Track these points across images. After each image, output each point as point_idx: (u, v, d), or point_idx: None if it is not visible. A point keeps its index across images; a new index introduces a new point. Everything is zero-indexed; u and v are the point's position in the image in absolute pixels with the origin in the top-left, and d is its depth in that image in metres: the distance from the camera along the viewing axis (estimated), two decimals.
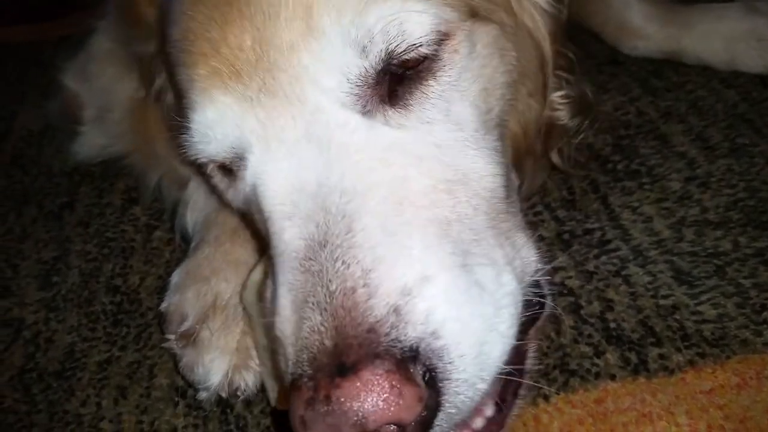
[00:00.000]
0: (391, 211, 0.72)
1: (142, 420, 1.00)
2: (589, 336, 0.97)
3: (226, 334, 0.97)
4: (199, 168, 0.91)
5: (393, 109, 0.76)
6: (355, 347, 0.65)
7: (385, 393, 0.63)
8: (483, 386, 0.69)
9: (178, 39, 0.83)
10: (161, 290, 1.17)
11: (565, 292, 1.04)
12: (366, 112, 0.75)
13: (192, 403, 1.01)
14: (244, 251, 1.05)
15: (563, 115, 1.07)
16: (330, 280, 0.69)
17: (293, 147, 0.75)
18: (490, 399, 0.75)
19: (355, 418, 0.63)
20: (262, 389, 0.98)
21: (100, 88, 1.38)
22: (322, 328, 0.67)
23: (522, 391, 0.82)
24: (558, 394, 0.91)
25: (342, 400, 0.63)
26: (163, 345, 1.07)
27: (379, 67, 0.74)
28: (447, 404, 0.67)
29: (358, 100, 0.75)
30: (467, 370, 0.67)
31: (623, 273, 1.05)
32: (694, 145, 1.26)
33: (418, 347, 0.66)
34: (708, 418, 0.85)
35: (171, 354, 1.04)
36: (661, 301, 1.00)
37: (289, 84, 0.74)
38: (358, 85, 0.74)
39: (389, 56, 0.74)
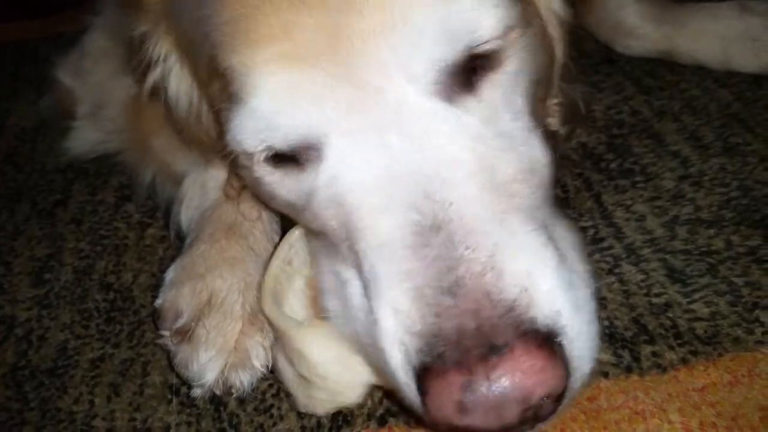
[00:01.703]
0: (489, 198, 0.73)
1: (135, 417, 1.00)
2: None
3: (223, 333, 0.97)
4: (232, 157, 0.88)
5: (470, 98, 0.78)
6: (501, 327, 0.66)
7: (541, 367, 0.65)
8: (589, 367, 0.73)
9: (227, 21, 0.78)
10: (154, 288, 1.17)
11: None
12: (450, 102, 0.76)
13: (185, 401, 1.00)
14: (239, 249, 1.05)
15: (554, 122, 1.08)
16: (455, 266, 0.69)
17: (378, 137, 0.75)
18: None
19: (519, 394, 0.65)
20: (257, 388, 0.99)
21: (95, 84, 1.37)
22: (457, 311, 0.68)
23: None
24: None
25: (503, 378, 0.65)
26: (157, 341, 1.06)
27: (464, 57, 0.75)
28: (572, 378, 0.70)
29: (443, 90, 0.76)
30: (584, 346, 0.71)
31: (616, 271, 1.05)
32: (687, 144, 1.26)
33: (550, 325, 0.69)
34: (700, 415, 0.85)
35: (165, 350, 1.04)
36: (654, 299, 1.00)
37: (371, 71, 0.73)
38: (444, 75, 0.75)
39: (471, 46, 0.75)
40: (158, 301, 1.03)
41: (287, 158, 0.82)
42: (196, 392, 0.97)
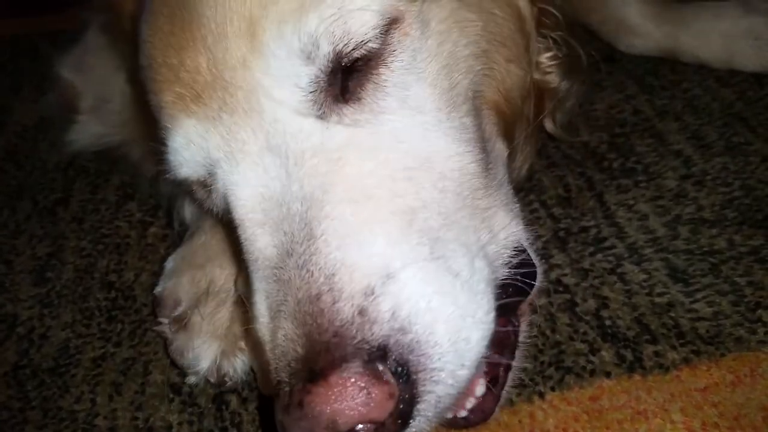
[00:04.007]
0: (349, 211, 0.72)
1: (137, 416, 1.00)
2: (585, 333, 0.97)
3: (215, 319, 0.98)
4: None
5: (347, 106, 0.76)
6: (322, 353, 0.66)
7: (354, 395, 0.64)
8: (464, 372, 0.70)
9: (144, 66, 0.85)
10: (156, 286, 1.17)
11: (561, 289, 1.04)
12: (321, 115, 0.76)
13: (187, 400, 1.00)
14: None
15: (553, 78, 1.05)
16: (298, 288, 0.70)
17: (257, 158, 0.77)
18: (478, 379, 0.78)
19: (327, 422, 0.65)
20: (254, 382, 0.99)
21: (98, 78, 1.38)
22: (294, 336, 0.69)
23: (514, 370, 0.84)
24: (553, 391, 0.91)
25: (312, 405, 0.65)
26: (154, 328, 1.08)
27: (329, 70, 0.75)
28: (425, 395, 0.68)
29: (313, 105, 0.75)
30: (444, 358, 0.68)
31: (618, 271, 1.05)
32: (689, 144, 1.26)
33: (386, 345, 0.67)
34: (702, 415, 0.85)
35: (163, 338, 1.04)
36: (657, 299, 1.00)
37: (246, 99, 0.76)
38: (311, 92, 0.75)
39: (338, 57, 0.74)
40: (158, 289, 1.04)
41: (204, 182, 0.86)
42: (192, 379, 0.99)
